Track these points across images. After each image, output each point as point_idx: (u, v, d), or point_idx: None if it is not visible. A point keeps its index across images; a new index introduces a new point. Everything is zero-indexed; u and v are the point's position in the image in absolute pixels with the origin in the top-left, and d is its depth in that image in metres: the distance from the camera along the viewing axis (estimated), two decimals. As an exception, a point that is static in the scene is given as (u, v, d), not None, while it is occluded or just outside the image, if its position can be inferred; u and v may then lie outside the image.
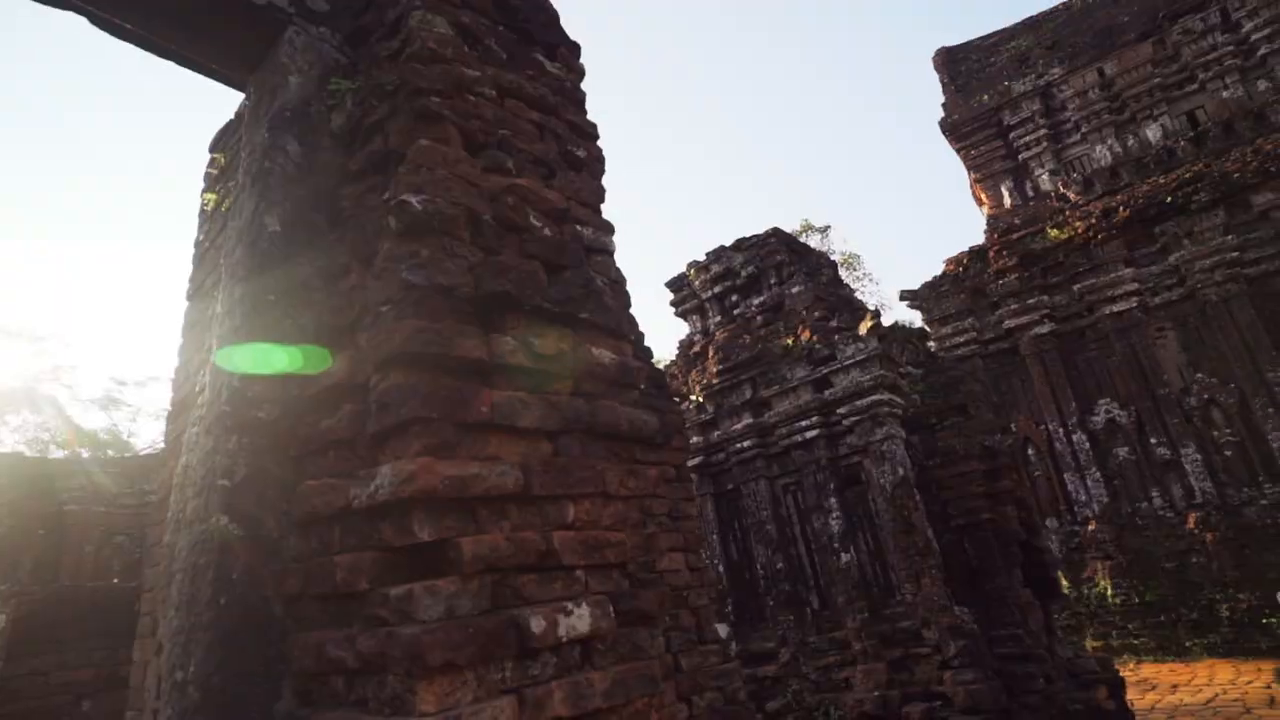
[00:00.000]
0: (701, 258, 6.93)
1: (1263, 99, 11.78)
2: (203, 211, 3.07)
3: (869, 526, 5.20)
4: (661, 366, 7.66)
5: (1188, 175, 11.21)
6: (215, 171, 3.09)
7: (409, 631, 1.32)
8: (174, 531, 1.92)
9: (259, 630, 1.59)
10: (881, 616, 5.11)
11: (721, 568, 5.94)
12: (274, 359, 1.83)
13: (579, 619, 1.61)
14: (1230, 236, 10.64)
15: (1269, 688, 7.04)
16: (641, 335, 3.60)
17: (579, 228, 2.18)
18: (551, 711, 1.50)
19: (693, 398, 6.18)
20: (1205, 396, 10.63)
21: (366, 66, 2.30)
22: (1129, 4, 13.75)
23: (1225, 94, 12.12)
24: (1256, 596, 8.93)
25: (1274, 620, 8.57)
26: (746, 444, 5.82)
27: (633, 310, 2.55)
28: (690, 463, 6.27)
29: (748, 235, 6.50)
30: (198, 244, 3.05)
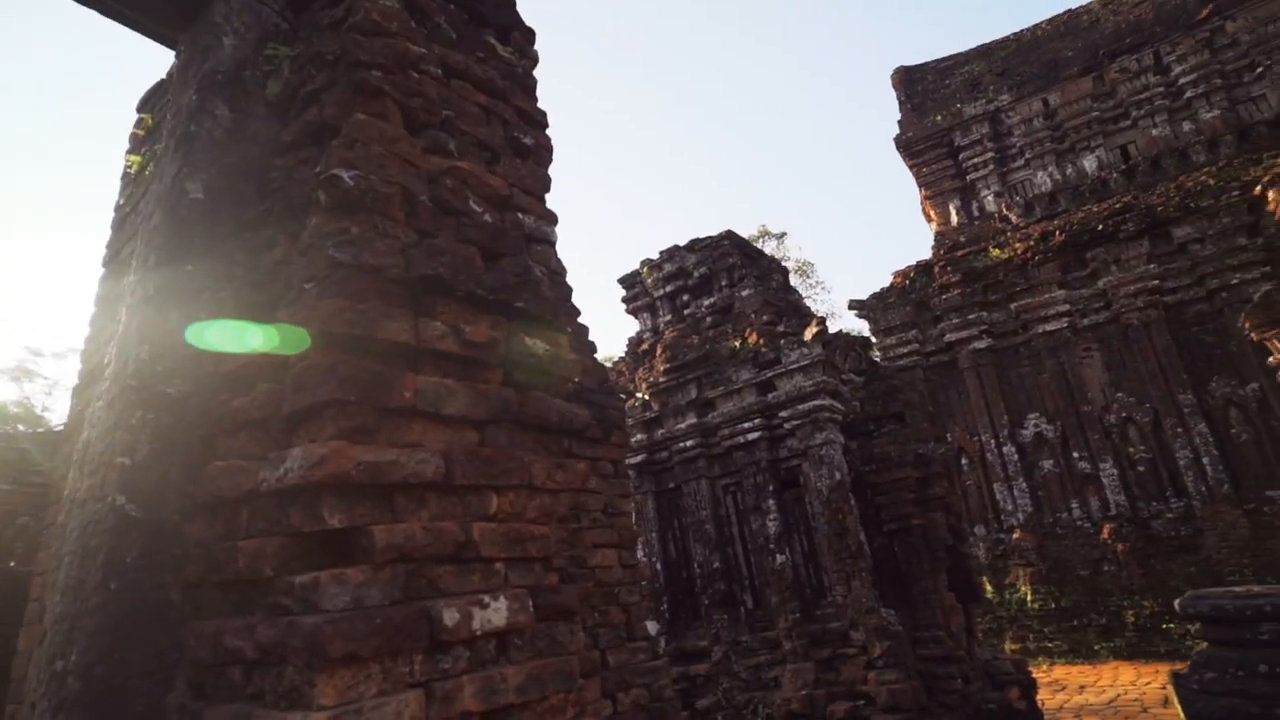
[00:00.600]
0: (655, 256, 6.94)
1: (1187, 139, 12.53)
2: (125, 174, 2.90)
3: (805, 529, 5.31)
4: (610, 363, 7.65)
5: (1118, 206, 11.83)
6: (141, 133, 2.92)
7: (311, 621, 1.27)
8: (67, 512, 1.80)
9: (152, 618, 1.51)
10: (812, 617, 5.22)
11: (659, 565, 5.97)
12: (187, 333, 1.74)
13: (495, 612, 1.58)
14: (1152, 265, 11.27)
15: (1164, 689, 7.50)
16: (585, 329, 3.58)
17: (521, 216, 2.14)
18: (461, 706, 1.47)
19: (639, 395, 6.18)
20: (1124, 415, 11.24)
21: (307, 34, 2.21)
22: (1073, 40, 14.42)
23: (1155, 131, 12.84)
24: (1159, 604, 9.50)
25: (1172, 626, 9.13)
26: (690, 443, 5.87)
27: (585, 305, 2.53)
28: (633, 460, 6.28)
29: (702, 236, 6.55)
30: (118, 208, 2.88)
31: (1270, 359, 9.56)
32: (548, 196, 2.30)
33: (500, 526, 1.70)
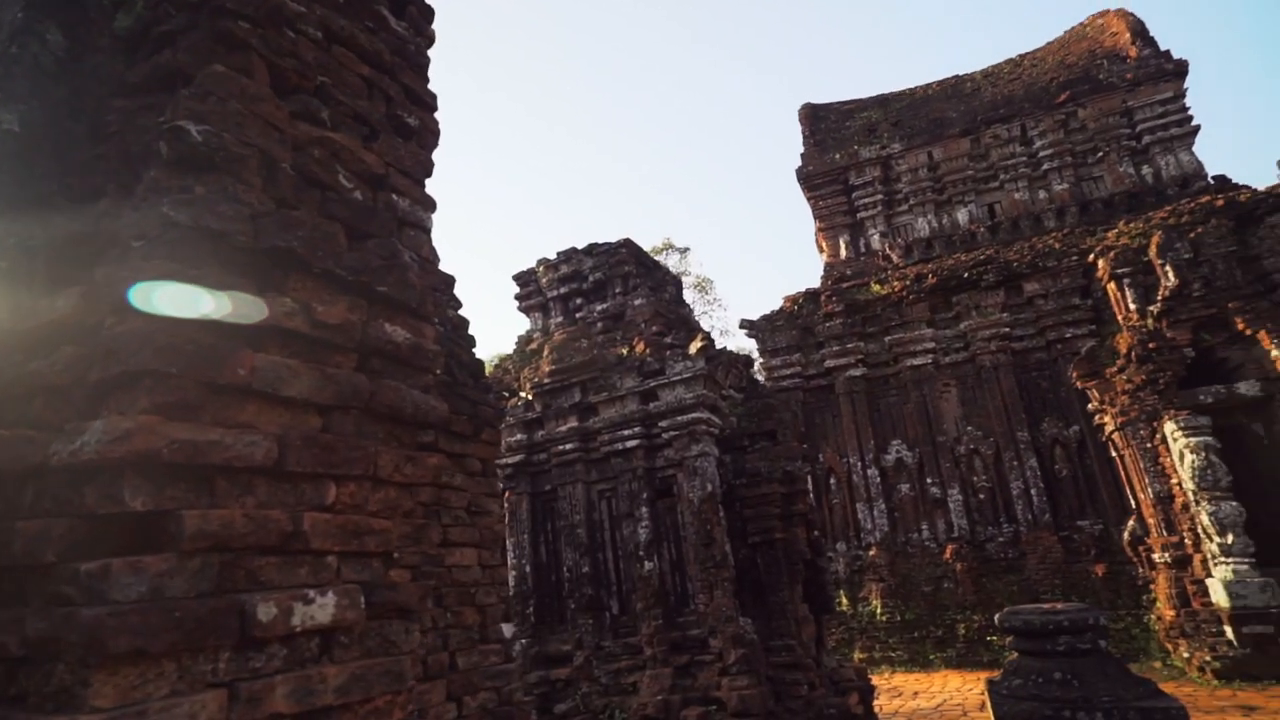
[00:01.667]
0: (553, 256, 6.89)
1: (1041, 205, 14.08)
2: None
3: (675, 537, 5.43)
4: (498, 360, 7.50)
5: (982, 257, 13.08)
6: (-41, 51, 2.55)
7: (92, 613, 1.15)
8: None
9: (-103, 605, 1.30)
10: (674, 624, 5.34)
11: (529, 568, 5.89)
12: (-18, 282, 1.53)
13: (321, 608, 1.50)
14: (1005, 314, 12.55)
15: (983, 694, 8.29)
16: (466, 322, 3.49)
17: (395, 198, 2.06)
18: (270, 708, 1.37)
19: (523, 394, 6.10)
20: (972, 447, 12.40)
21: (172, -30, 2.02)
22: (957, 103, 15.83)
23: (1017, 195, 14.33)
24: (986, 618, 10.52)
25: (995, 638, 10.13)
26: (569, 447, 5.85)
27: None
28: (511, 460, 6.18)
29: (601, 242, 6.58)
30: (-80, 133, 2.49)
31: (1089, 405, 10.89)
32: (428, 182, 2.23)
33: (337, 518, 1.61)
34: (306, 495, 1.57)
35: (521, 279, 7.10)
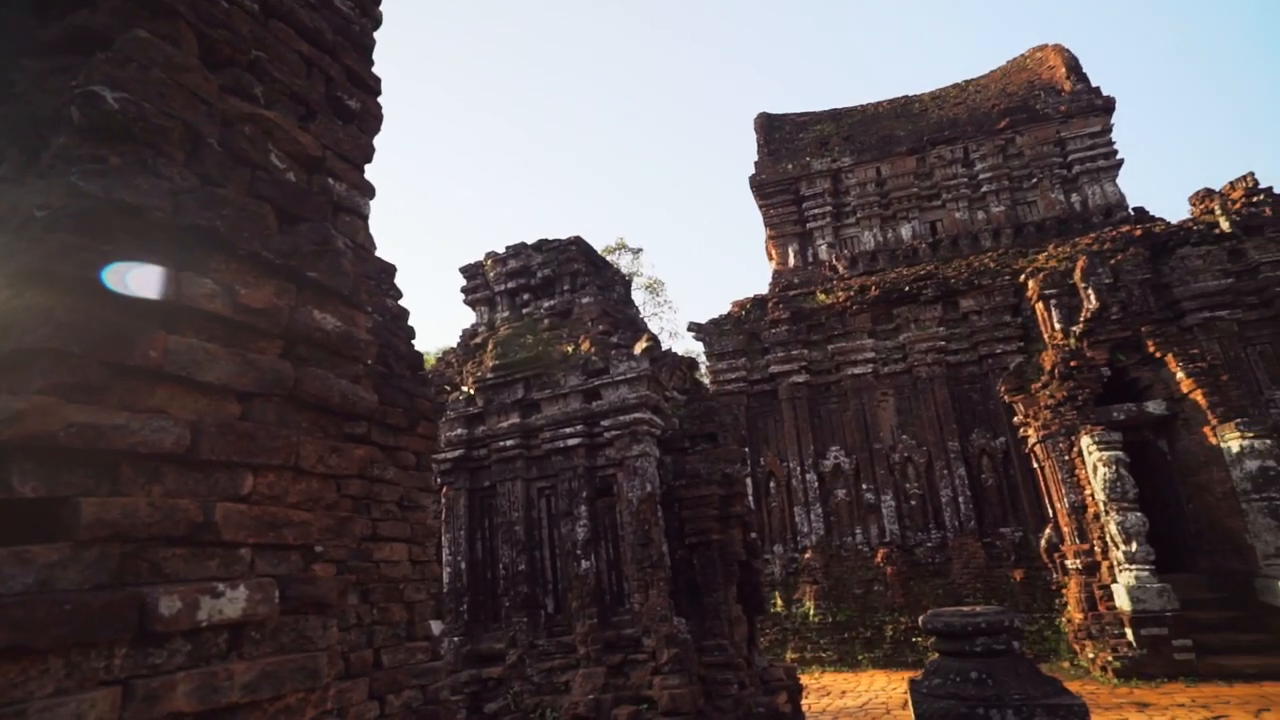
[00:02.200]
0: (502, 250, 6.81)
1: (979, 225, 14.72)
2: None
3: (613, 537, 5.44)
4: (441, 353, 7.35)
5: (922, 272, 13.58)
6: None
7: (-31, 604, 1.08)
8: None
9: None
10: (609, 623, 5.35)
11: (464, 565, 5.80)
12: None
13: (230, 602, 1.44)
14: (942, 328, 13.06)
15: (906, 693, 8.61)
16: (405, 312, 3.42)
17: (331, 181, 2.00)
18: (169, 706, 1.31)
19: (465, 389, 6.00)
20: (906, 455, 12.85)
21: (96, -74, 1.90)
22: (906, 122, 16.40)
23: (957, 214, 14.94)
24: (913, 620, 10.92)
25: (920, 639, 10.53)
26: (510, 443, 5.79)
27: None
28: (450, 455, 6.07)
29: (551, 238, 6.54)
30: None
31: (1015, 418, 11.44)
32: (368, 167, 2.17)
33: (253, 509, 1.55)
34: (220, 485, 1.51)
35: (468, 272, 6.99)
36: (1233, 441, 8.87)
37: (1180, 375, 9.63)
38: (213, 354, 1.53)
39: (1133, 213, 13.74)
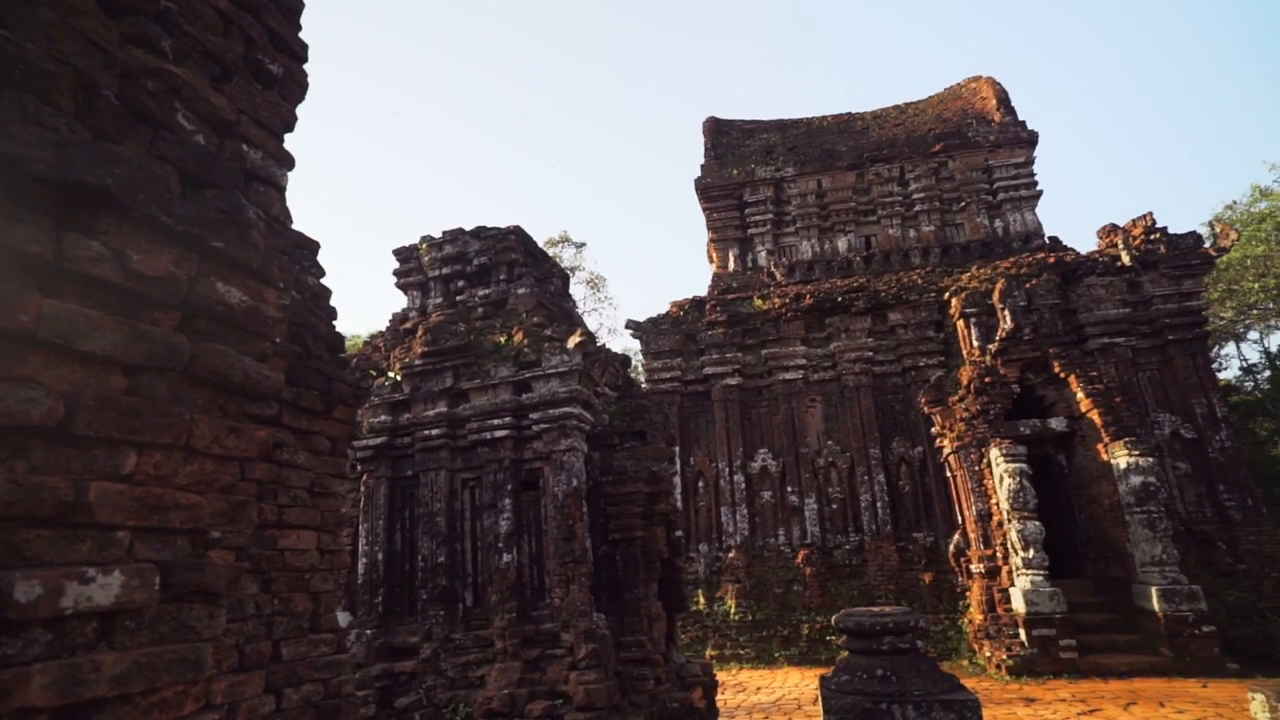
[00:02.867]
0: (439, 235, 6.63)
1: (910, 243, 15.36)
2: None
3: (536, 531, 5.39)
4: (369, 337, 7.10)
5: (855, 284, 14.06)
6: None
7: None
8: None
9: None
10: (529, 617, 5.30)
11: (381, 555, 5.63)
12: None
13: (102, 589, 1.35)
14: (870, 339, 13.56)
15: (817, 689, 8.91)
16: (327, 291, 3.28)
17: (246, 148, 1.90)
18: (23, 700, 1.21)
19: (392, 374, 5.82)
20: (830, 460, 13.29)
21: None
22: (847, 138, 16.93)
23: (891, 230, 15.54)
24: (828, 619, 11.30)
25: (833, 638, 10.91)
26: (436, 432, 5.65)
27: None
28: (373, 442, 5.88)
29: (490, 226, 6.41)
30: None
31: (933, 429, 12.01)
32: (288, 136, 2.07)
33: (134, 489, 1.46)
34: (98, 462, 1.41)
35: (402, 255, 6.77)
36: (1121, 458, 9.59)
37: (1080, 395, 10.33)
38: (96, 322, 1.42)
39: (1048, 241, 14.64)
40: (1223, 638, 8.84)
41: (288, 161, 2.03)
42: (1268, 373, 28.35)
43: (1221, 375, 26.78)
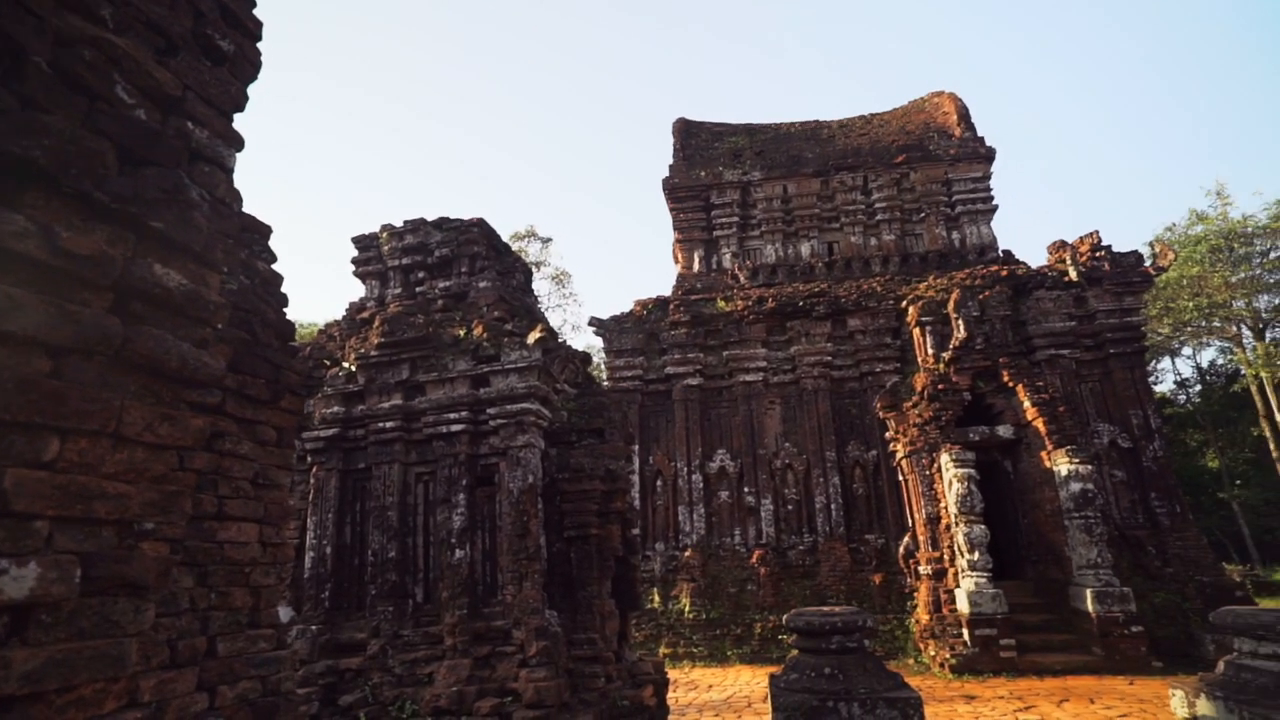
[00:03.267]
0: (400, 224, 6.50)
1: (872, 251, 15.69)
2: None
3: (490, 527, 5.34)
4: (323, 325, 6.92)
5: (817, 290, 14.29)
6: None
7: None
8: None
9: None
10: (480, 614, 5.25)
11: (329, 550, 5.49)
12: None
13: (15, 581, 1.28)
14: (830, 344, 13.80)
15: (767, 687, 9.03)
16: (279, 278, 3.19)
17: (191, 126, 1.83)
18: (-76, 696, 1.15)
19: (346, 365, 5.68)
20: (787, 461, 13.48)
21: None
22: (814, 146, 17.19)
23: (853, 238, 15.83)
24: (781, 618, 11.47)
25: (785, 637, 11.08)
26: (390, 425, 5.54)
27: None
28: (325, 433, 5.73)
29: (453, 217, 6.32)
30: None
31: (887, 433, 12.29)
32: (238, 116, 2.00)
33: (56, 477, 1.39)
34: (16, 448, 1.34)
35: (362, 243, 6.61)
36: (1063, 465, 9.97)
37: (1027, 404, 10.70)
38: (18, 301, 1.36)
39: (1002, 254, 15.12)
40: (1149, 637, 9.28)
41: (236, 142, 1.97)
42: (1199, 387, 29.87)
43: (1157, 388, 28.14)
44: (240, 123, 2.07)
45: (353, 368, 5.62)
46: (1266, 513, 25.08)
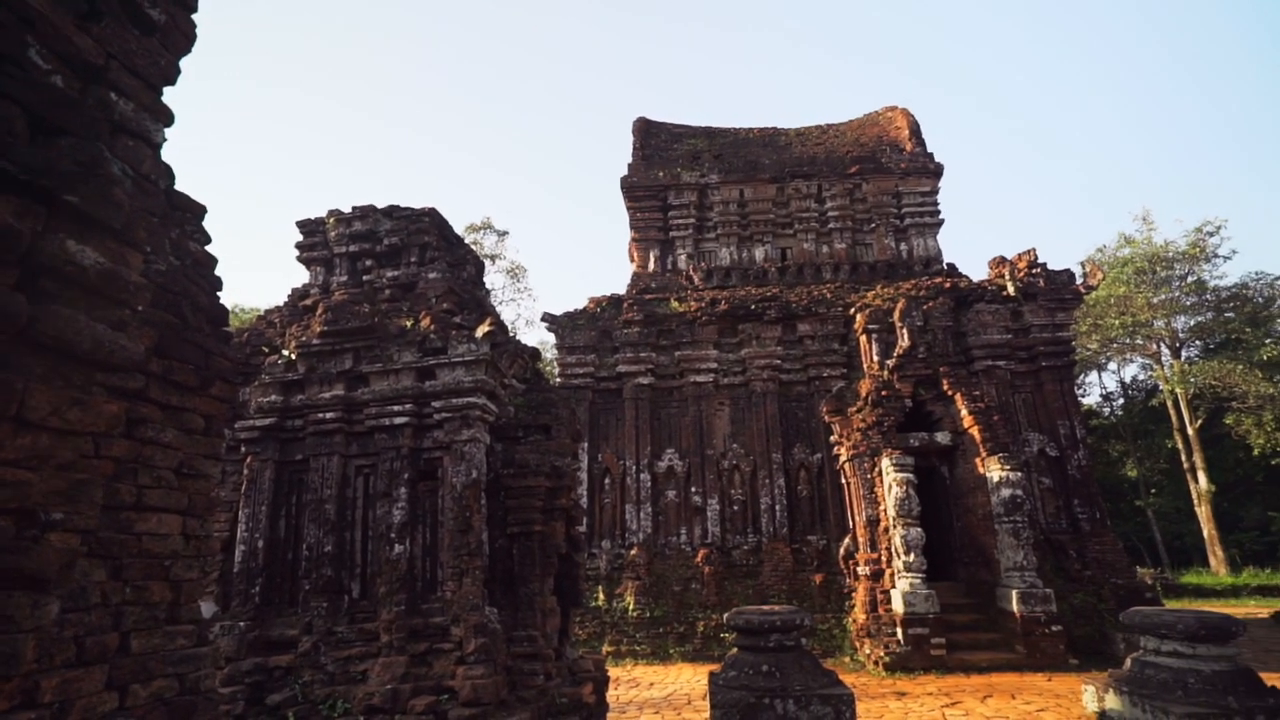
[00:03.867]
0: (348, 209, 6.31)
1: (823, 258, 16.04)
2: None
3: (431, 522, 5.25)
4: (263, 311, 6.68)
5: (769, 294, 14.53)
6: None
7: None
8: None
9: None
10: (418, 611, 5.15)
11: (261, 543, 5.30)
12: None
13: (-103, 572, 1.20)
14: (779, 348, 14.05)
15: (707, 684, 9.16)
16: (213, 260, 3.07)
17: (114, 97, 1.74)
18: None
19: (286, 353, 5.49)
20: (734, 462, 13.67)
21: None
22: (771, 152, 17.46)
23: (806, 245, 16.16)
24: (723, 616, 11.63)
25: (727, 635, 11.24)
26: (331, 416, 5.39)
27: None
28: (261, 423, 5.53)
29: (403, 205, 6.17)
30: None
31: (832, 437, 12.59)
32: (167, 90, 1.92)
33: (-52, 464, 1.31)
34: (-98, 431, 1.25)
35: (307, 228, 6.40)
36: (995, 472, 10.41)
37: (964, 412, 11.13)
38: (-90, 273, 1.27)
39: (946, 267, 15.67)
40: (1068, 636, 9.78)
41: (165, 116, 1.88)
42: (1121, 400, 31.65)
43: (1084, 401, 29.67)
44: (172, 96, 1.98)
45: (293, 356, 5.44)
46: (1177, 519, 26.80)
